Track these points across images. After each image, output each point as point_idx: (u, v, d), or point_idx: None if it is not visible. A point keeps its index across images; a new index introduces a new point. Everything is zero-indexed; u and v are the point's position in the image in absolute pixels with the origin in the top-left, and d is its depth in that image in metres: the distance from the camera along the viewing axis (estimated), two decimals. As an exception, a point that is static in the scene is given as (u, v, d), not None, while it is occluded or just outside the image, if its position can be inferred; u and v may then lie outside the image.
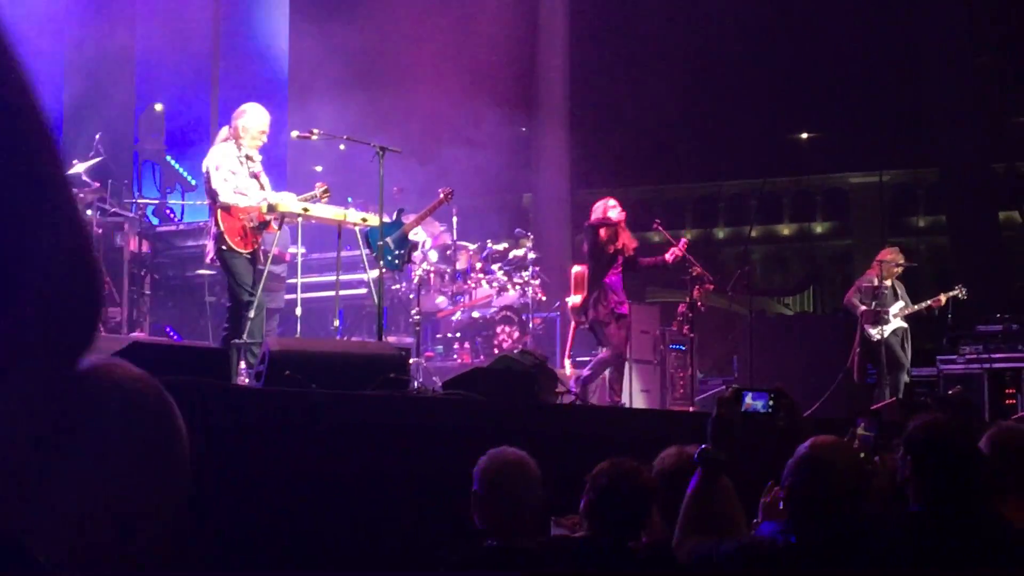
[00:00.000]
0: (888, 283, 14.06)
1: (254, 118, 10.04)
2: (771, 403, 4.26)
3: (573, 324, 12.71)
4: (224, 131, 10.14)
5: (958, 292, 14.35)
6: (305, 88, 17.76)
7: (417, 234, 12.56)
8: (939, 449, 4.10)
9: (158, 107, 16.28)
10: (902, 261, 14.29)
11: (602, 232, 11.87)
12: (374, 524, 6.48)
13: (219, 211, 9.79)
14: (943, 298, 14.22)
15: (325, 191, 10.12)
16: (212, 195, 9.85)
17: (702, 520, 4.02)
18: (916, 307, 14.07)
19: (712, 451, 4.08)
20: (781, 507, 4.00)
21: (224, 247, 9.76)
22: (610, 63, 25.33)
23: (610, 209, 12.02)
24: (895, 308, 13.97)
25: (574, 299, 12.29)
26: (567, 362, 13.12)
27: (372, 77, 18.08)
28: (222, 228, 9.75)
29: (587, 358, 12.99)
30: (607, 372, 11.99)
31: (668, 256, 12.10)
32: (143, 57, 16.35)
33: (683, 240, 12.38)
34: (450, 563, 4.31)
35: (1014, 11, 22.72)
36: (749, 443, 4.19)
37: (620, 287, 11.92)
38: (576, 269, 12.38)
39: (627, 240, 12.02)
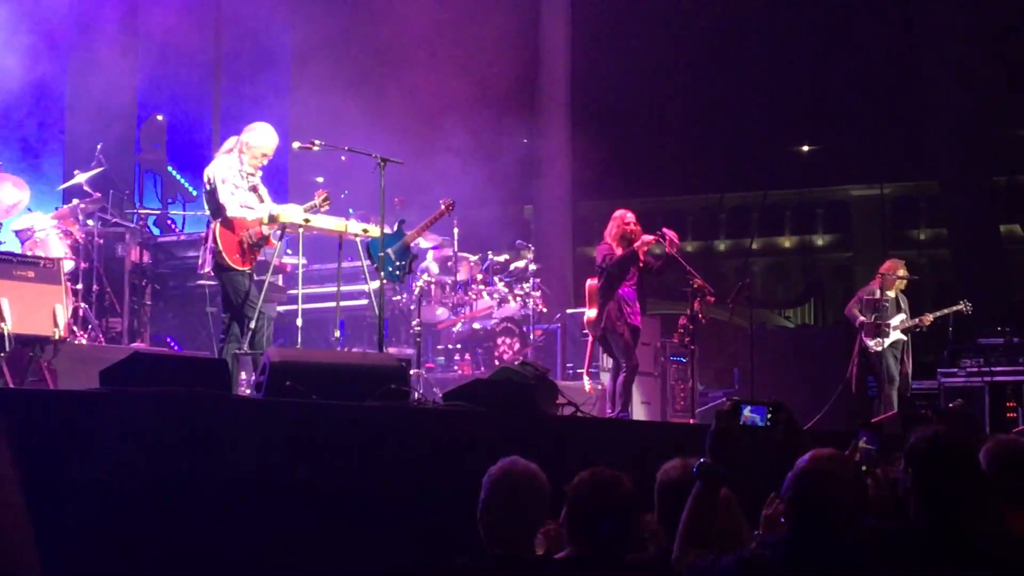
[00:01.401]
0: (891, 295, 14.04)
1: (261, 138, 9.98)
2: (770, 416, 4.25)
3: (591, 338, 12.54)
4: (231, 141, 10.10)
5: (962, 307, 14.33)
6: (307, 99, 17.77)
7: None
8: (940, 462, 4.10)
9: (160, 117, 16.30)
10: (904, 274, 14.24)
11: (619, 250, 11.72)
12: (374, 535, 6.47)
13: (218, 227, 9.75)
14: (929, 318, 14.19)
15: (325, 199, 10.08)
16: (217, 209, 9.80)
17: (702, 533, 4.01)
18: (910, 322, 14.04)
19: (711, 464, 4.07)
20: (782, 519, 3.99)
21: (222, 263, 9.73)
22: (612, 75, 25.33)
23: (626, 224, 11.88)
24: (895, 321, 13.95)
25: (590, 313, 12.14)
26: (585, 379, 12.98)
27: (376, 87, 18.10)
28: (220, 246, 9.69)
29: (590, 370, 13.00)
30: (618, 382, 11.85)
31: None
32: (145, 67, 16.37)
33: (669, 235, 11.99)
34: (451, 570, 4.29)
35: (1015, 24, 22.73)
36: (748, 456, 4.18)
37: (634, 298, 11.80)
38: (590, 283, 12.23)
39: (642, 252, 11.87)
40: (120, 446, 5.76)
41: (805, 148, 37.48)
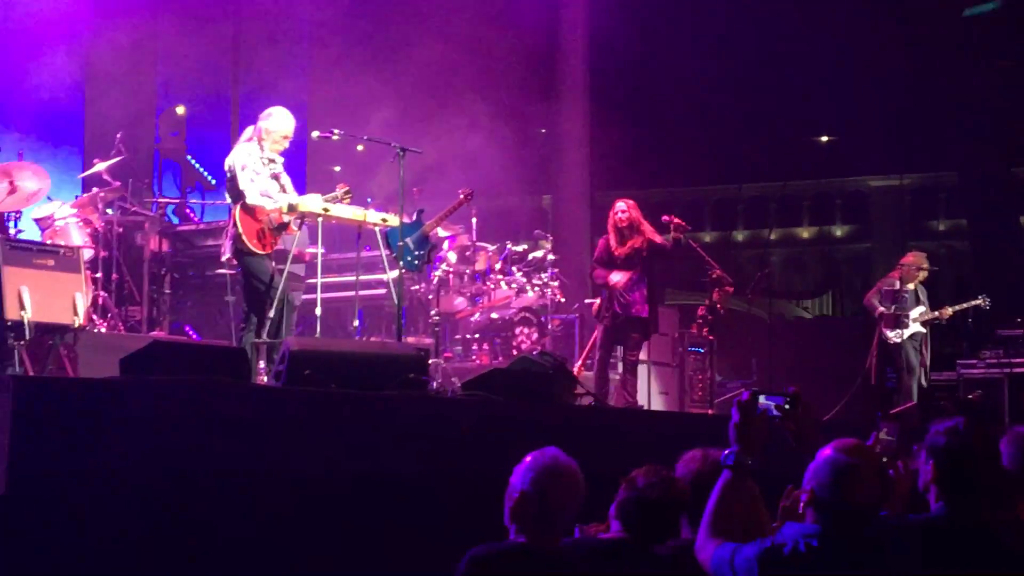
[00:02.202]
0: (910, 287, 13.99)
1: (279, 123, 10.04)
2: (787, 406, 4.23)
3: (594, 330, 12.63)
4: (249, 131, 10.15)
5: (981, 302, 14.27)
6: (326, 86, 17.78)
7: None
8: (962, 453, 4.09)
9: (180, 110, 16.29)
10: (925, 266, 14.19)
11: (613, 240, 11.82)
12: (394, 523, 6.48)
13: (239, 212, 9.80)
14: (948, 311, 14.13)
15: (347, 192, 10.11)
16: (237, 196, 9.84)
17: (726, 523, 4.00)
18: (929, 315, 13.99)
19: (742, 454, 4.05)
20: (801, 510, 3.97)
21: (242, 248, 9.77)
22: (631, 66, 25.30)
23: (614, 213, 11.92)
24: (915, 313, 13.91)
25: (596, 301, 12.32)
26: (577, 365, 13.01)
27: (394, 76, 18.09)
28: (240, 230, 9.75)
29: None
30: (620, 374, 11.96)
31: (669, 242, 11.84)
32: (164, 56, 16.39)
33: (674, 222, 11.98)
34: (479, 559, 4.29)
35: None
36: (766, 446, 4.17)
37: (628, 287, 11.76)
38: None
39: (638, 243, 11.82)
40: (140, 434, 5.78)
41: (824, 138, 37.39)
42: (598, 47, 20.73)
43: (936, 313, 14.03)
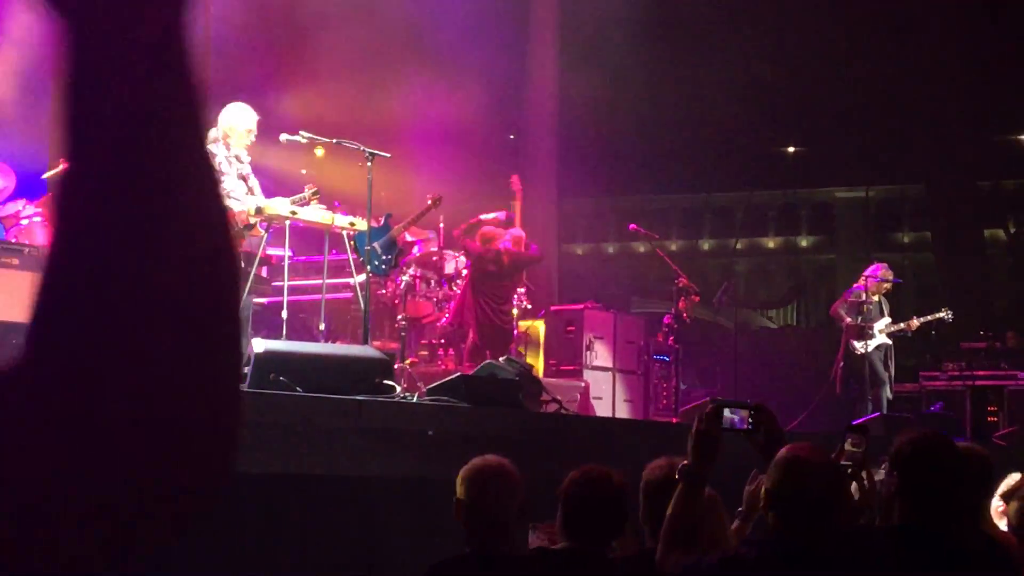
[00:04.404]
0: (875, 298, 14.07)
1: (239, 117, 10.00)
2: (751, 419, 4.25)
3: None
4: (212, 132, 10.10)
5: (944, 315, 14.33)
6: (302, 95, 17.72)
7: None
8: (926, 465, 4.12)
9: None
10: (890, 277, 14.27)
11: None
12: (357, 528, 6.46)
13: (203, 213, 9.76)
14: (915, 323, 14.21)
15: (315, 193, 10.08)
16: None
17: (685, 533, 4.01)
18: (895, 327, 14.06)
19: (693, 466, 4.06)
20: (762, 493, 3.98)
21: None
22: (598, 72, 25.36)
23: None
24: (880, 324, 13.98)
25: None
26: None
27: (359, 78, 18.06)
28: None
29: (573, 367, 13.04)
30: None
31: None
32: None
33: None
34: (429, 570, 4.30)
35: (1002, 29, 22.81)
36: (731, 457, 4.19)
37: None
38: None
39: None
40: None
41: (791, 149, 37.53)
42: (567, 53, 20.79)
43: (903, 325, 14.10)
